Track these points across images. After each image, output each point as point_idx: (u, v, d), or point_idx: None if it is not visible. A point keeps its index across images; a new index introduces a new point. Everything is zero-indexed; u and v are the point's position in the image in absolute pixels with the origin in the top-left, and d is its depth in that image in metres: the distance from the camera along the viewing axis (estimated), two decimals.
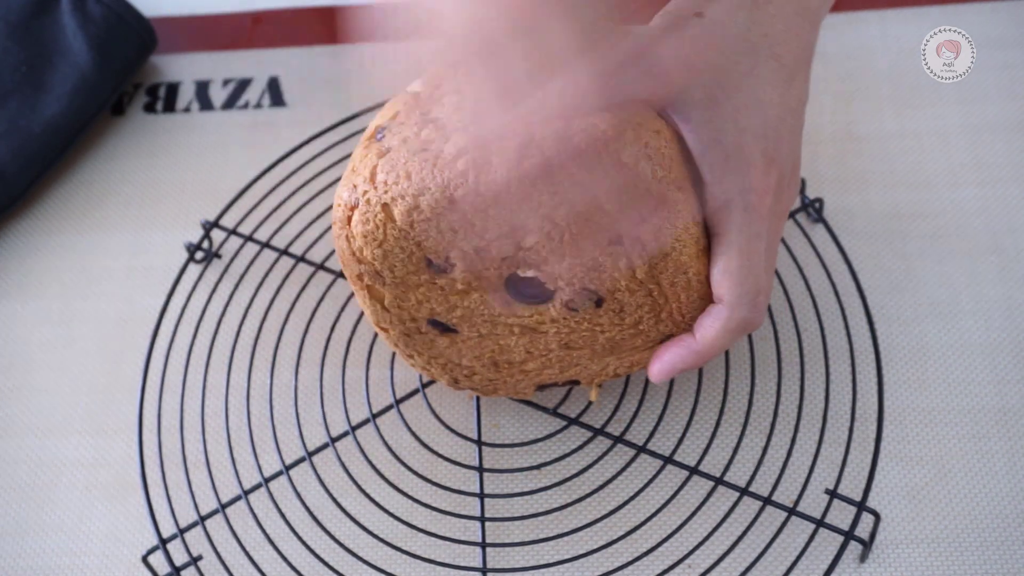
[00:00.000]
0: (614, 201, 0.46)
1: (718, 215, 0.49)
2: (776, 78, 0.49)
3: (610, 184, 0.46)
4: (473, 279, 0.51)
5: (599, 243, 0.48)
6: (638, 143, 0.46)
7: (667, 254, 0.49)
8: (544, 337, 0.54)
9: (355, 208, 0.49)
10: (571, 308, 0.52)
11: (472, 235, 0.48)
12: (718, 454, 0.60)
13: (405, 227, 0.48)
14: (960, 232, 0.67)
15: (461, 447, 0.62)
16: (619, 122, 0.46)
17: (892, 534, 0.58)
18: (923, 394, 0.62)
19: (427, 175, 0.47)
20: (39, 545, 0.62)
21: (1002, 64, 0.72)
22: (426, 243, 0.49)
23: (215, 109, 0.77)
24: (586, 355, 0.55)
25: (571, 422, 0.62)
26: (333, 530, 0.59)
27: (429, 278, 0.51)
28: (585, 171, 0.45)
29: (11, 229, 0.73)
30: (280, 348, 0.66)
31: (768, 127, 0.49)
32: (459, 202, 0.47)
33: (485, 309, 0.53)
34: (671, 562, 0.57)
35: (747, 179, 0.48)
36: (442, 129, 0.48)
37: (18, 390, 0.67)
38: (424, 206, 0.47)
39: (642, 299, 0.52)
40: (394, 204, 0.48)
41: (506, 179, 0.46)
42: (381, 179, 0.48)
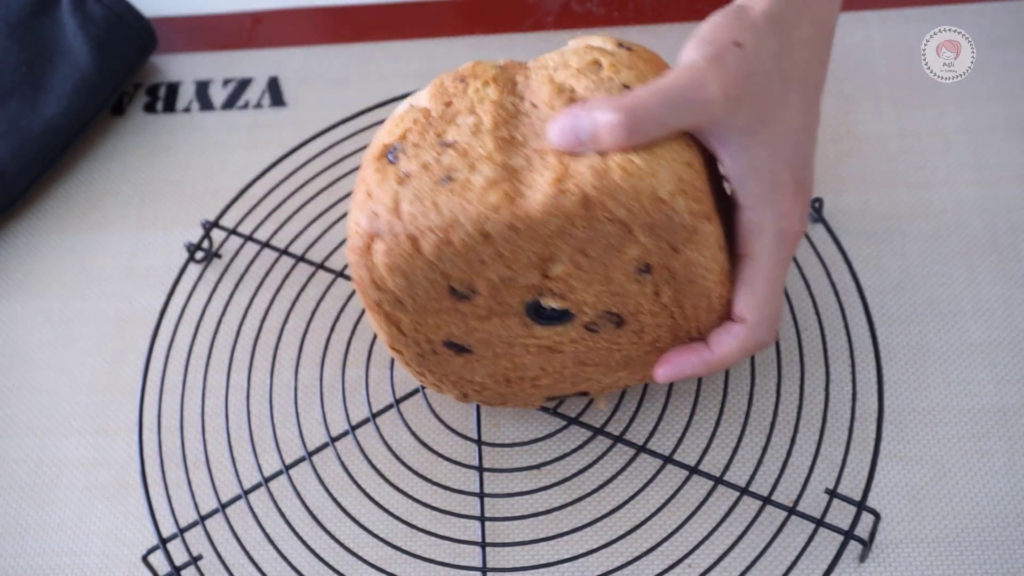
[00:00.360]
0: (649, 234, 0.47)
1: (750, 239, 0.50)
2: (802, 103, 0.50)
3: (646, 219, 0.46)
4: (495, 305, 0.50)
5: (628, 272, 0.49)
6: (673, 178, 0.46)
7: (693, 280, 0.49)
8: (560, 355, 0.54)
9: (375, 237, 0.48)
10: (591, 329, 0.52)
11: (500, 265, 0.48)
12: (718, 454, 0.60)
13: (433, 260, 0.47)
14: (960, 232, 0.67)
15: (461, 447, 0.62)
16: (655, 157, 0.46)
17: (892, 534, 0.58)
18: (923, 394, 0.62)
19: (457, 208, 0.46)
20: (39, 545, 0.62)
21: (1002, 64, 0.72)
22: (453, 273, 0.48)
23: (215, 109, 0.77)
24: (600, 371, 0.56)
25: (571, 422, 0.62)
26: (333, 530, 0.59)
27: (451, 304, 0.50)
28: (622, 206, 0.46)
29: (11, 229, 0.73)
30: (280, 348, 0.66)
31: (798, 153, 0.50)
32: (492, 236, 0.46)
33: (504, 331, 0.52)
34: (671, 562, 0.57)
35: (781, 205, 0.49)
36: (464, 155, 0.47)
37: (18, 390, 0.67)
38: (455, 240, 0.46)
39: (663, 320, 0.52)
40: (423, 237, 0.47)
41: (541, 214, 0.46)
42: (407, 210, 0.47)
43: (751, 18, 0.49)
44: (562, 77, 0.49)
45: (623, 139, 0.45)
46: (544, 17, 0.79)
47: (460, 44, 0.78)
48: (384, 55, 0.78)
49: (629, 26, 0.77)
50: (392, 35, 0.79)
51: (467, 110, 0.49)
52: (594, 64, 0.49)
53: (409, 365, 0.56)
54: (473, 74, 0.50)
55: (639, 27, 0.77)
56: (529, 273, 0.49)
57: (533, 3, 0.79)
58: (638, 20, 0.78)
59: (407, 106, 0.50)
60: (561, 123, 0.46)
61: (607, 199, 0.45)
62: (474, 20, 0.79)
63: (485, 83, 0.49)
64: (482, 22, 0.79)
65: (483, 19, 0.79)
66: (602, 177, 0.45)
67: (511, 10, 0.79)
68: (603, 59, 0.49)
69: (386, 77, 0.77)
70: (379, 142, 0.50)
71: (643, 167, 0.45)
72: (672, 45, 0.76)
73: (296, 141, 0.72)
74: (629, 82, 0.48)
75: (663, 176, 0.46)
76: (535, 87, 0.49)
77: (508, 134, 0.48)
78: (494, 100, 0.49)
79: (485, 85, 0.49)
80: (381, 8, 0.81)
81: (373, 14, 0.81)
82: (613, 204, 0.45)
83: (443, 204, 0.46)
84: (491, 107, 0.48)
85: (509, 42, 0.78)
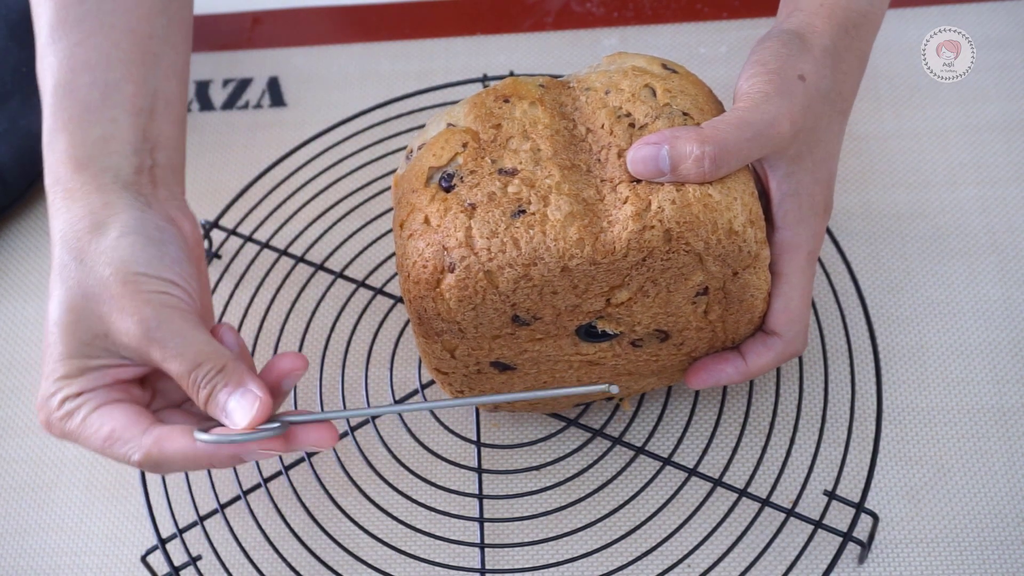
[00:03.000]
0: (718, 263, 0.48)
1: (783, 257, 0.51)
2: (841, 130, 0.52)
3: (719, 250, 0.47)
4: (552, 328, 0.51)
5: (688, 296, 0.50)
6: (746, 211, 0.47)
7: (743, 300, 0.51)
8: (599, 368, 0.55)
9: (446, 270, 0.47)
10: (636, 345, 0.53)
11: (571, 295, 0.48)
12: (717, 455, 0.60)
13: (508, 292, 0.47)
14: (959, 232, 0.67)
15: (460, 448, 0.62)
16: (729, 190, 0.47)
17: (891, 534, 0.58)
18: (922, 394, 0.62)
19: (539, 245, 0.46)
20: (39, 544, 0.62)
21: (1002, 64, 0.72)
22: (523, 303, 0.48)
23: (215, 109, 0.77)
24: (633, 378, 0.56)
25: (570, 423, 0.62)
26: (332, 530, 0.59)
27: (511, 330, 0.50)
28: (700, 239, 0.47)
29: (11, 229, 0.73)
30: (280, 348, 0.66)
31: (831, 177, 0.52)
32: (572, 271, 0.47)
33: (554, 351, 0.53)
34: (670, 563, 0.57)
35: (814, 227, 0.51)
36: (531, 185, 0.47)
37: (18, 390, 0.67)
38: (535, 275, 0.46)
39: (705, 335, 0.53)
40: (500, 272, 0.46)
41: (625, 249, 0.46)
42: (481, 245, 0.46)
43: (811, 51, 0.50)
44: (616, 102, 0.49)
45: (711, 174, 0.46)
46: (544, 17, 0.79)
47: (460, 44, 0.78)
48: (384, 55, 0.78)
49: (629, 26, 0.77)
50: (392, 35, 0.79)
51: (520, 134, 0.48)
52: (647, 88, 0.49)
53: (451, 385, 0.56)
54: (516, 93, 0.50)
55: (639, 27, 0.77)
56: (596, 300, 0.49)
57: (533, 3, 0.79)
58: (638, 20, 0.77)
59: (444, 126, 0.50)
60: (644, 153, 0.47)
61: (688, 233, 0.46)
62: (474, 20, 0.79)
63: (532, 104, 0.49)
64: (482, 22, 0.79)
65: (483, 19, 0.79)
66: (683, 212, 0.46)
67: (511, 10, 0.79)
68: (655, 84, 0.50)
69: (386, 77, 0.77)
70: (424, 165, 0.49)
71: (720, 201, 0.46)
72: (672, 45, 0.76)
73: (296, 141, 0.72)
74: (687, 109, 0.49)
75: (737, 209, 0.47)
76: (587, 111, 0.49)
77: (570, 161, 0.48)
78: (547, 124, 0.49)
79: (532, 106, 0.49)
80: (381, 8, 0.81)
81: (373, 14, 0.80)
82: (692, 237, 0.46)
83: (522, 240, 0.46)
84: (545, 131, 0.48)
85: (509, 42, 0.78)
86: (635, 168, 0.47)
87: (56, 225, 0.48)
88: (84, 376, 0.46)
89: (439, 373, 0.55)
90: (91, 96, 0.49)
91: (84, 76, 0.49)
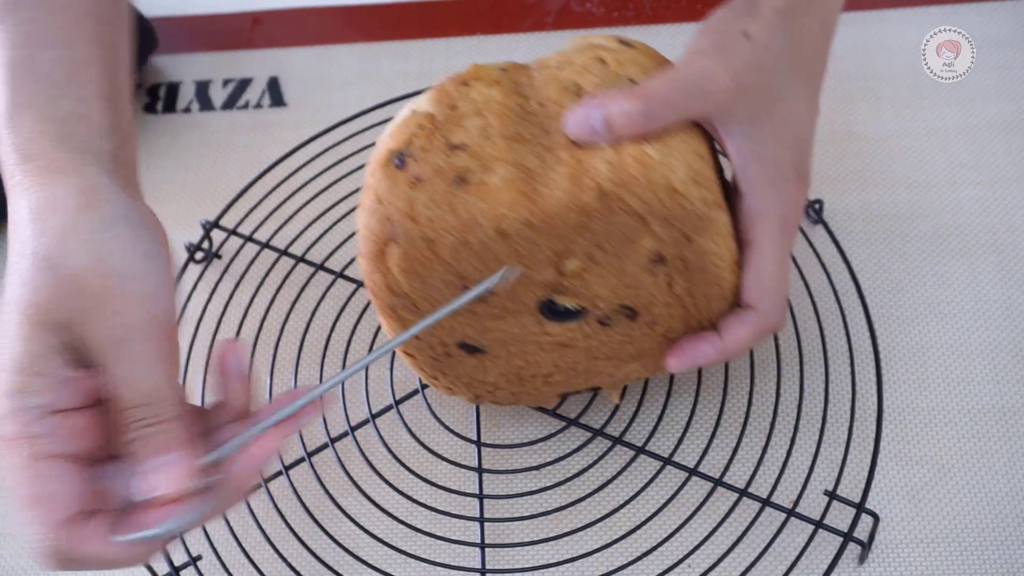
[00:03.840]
0: (663, 225, 0.47)
1: (752, 226, 0.50)
2: (805, 94, 0.51)
3: (661, 210, 0.47)
4: (508, 303, 0.51)
5: (642, 264, 0.49)
6: (687, 168, 0.47)
7: (706, 269, 0.50)
8: (573, 351, 0.54)
9: (390, 242, 0.48)
10: (604, 323, 0.52)
11: (516, 262, 0.48)
12: (717, 455, 0.60)
13: (450, 261, 0.47)
14: (960, 232, 0.67)
15: (460, 448, 0.62)
16: (668, 148, 0.47)
17: (891, 534, 0.58)
18: (922, 394, 0.62)
19: (475, 209, 0.46)
20: None
21: (1002, 64, 0.72)
22: (469, 273, 0.48)
23: (215, 109, 0.77)
24: (612, 364, 0.56)
25: (571, 423, 0.62)
26: (332, 530, 0.59)
27: (466, 306, 0.50)
28: (637, 198, 0.46)
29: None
30: (280, 348, 0.66)
31: (799, 141, 0.51)
32: (510, 234, 0.47)
33: (518, 330, 0.52)
34: (670, 563, 0.57)
35: (783, 193, 0.50)
36: (476, 157, 0.47)
37: None
38: (474, 241, 0.47)
39: (676, 311, 0.52)
40: (440, 240, 0.47)
41: (559, 209, 0.46)
42: (423, 213, 0.47)
43: (760, 11, 0.49)
44: (567, 75, 0.49)
45: (639, 126, 0.46)
46: (544, 17, 0.79)
47: (460, 44, 0.78)
48: (384, 55, 0.78)
49: (629, 26, 0.77)
50: (392, 35, 0.79)
51: (473, 112, 0.49)
52: (598, 61, 0.49)
53: (423, 369, 0.56)
54: (475, 76, 0.50)
55: (639, 27, 0.77)
56: (544, 270, 0.49)
57: (533, 3, 0.79)
58: (638, 20, 0.78)
59: (409, 112, 0.50)
60: (576, 114, 0.47)
61: (623, 192, 0.46)
62: (474, 20, 0.79)
63: (488, 85, 0.49)
64: (482, 22, 0.79)
65: (483, 19, 0.79)
66: (618, 170, 0.46)
67: (511, 10, 0.79)
68: (606, 56, 0.50)
69: (386, 77, 0.77)
70: (384, 148, 0.49)
71: (657, 159, 0.46)
72: (672, 45, 0.75)
73: (296, 141, 0.72)
74: (635, 76, 0.49)
75: (677, 167, 0.46)
76: (540, 86, 0.49)
77: (517, 133, 0.48)
78: (499, 101, 0.49)
79: (488, 87, 0.49)
80: (382, 8, 0.81)
81: (374, 14, 0.81)
82: (629, 196, 0.46)
83: (460, 206, 0.46)
84: (497, 108, 0.48)
85: (509, 42, 0.78)
86: (570, 130, 0.47)
87: (26, 202, 0.42)
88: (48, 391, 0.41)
89: (407, 356, 0.55)
90: (56, 74, 0.45)
91: (45, 53, 0.46)
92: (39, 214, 0.42)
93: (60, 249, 0.41)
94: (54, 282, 0.41)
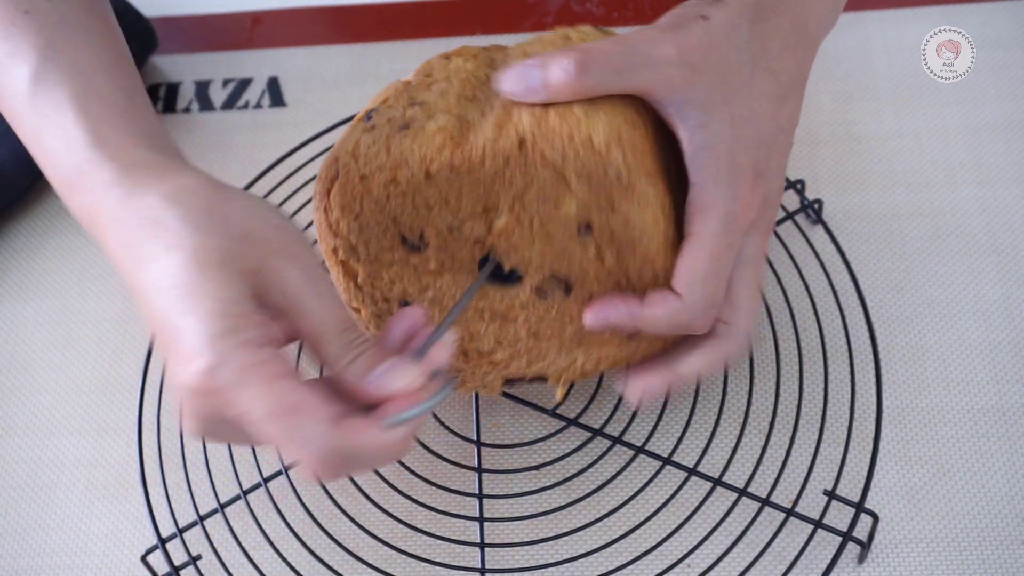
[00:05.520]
0: (584, 185, 0.48)
1: (698, 217, 0.49)
2: (771, 93, 0.49)
3: (579, 167, 0.47)
4: (446, 259, 0.52)
5: (568, 229, 0.50)
6: (610, 129, 0.47)
7: (634, 243, 0.50)
8: (514, 325, 0.55)
9: (335, 180, 0.51)
10: (540, 294, 0.53)
11: (446, 212, 0.51)
12: (717, 455, 0.60)
13: (382, 199, 0.50)
14: (959, 232, 0.67)
15: (460, 447, 0.62)
16: (595, 109, 0.47)
17: (891, 534, 0.58)
18: (922, 394, 0.62)
19: (407, 150, 0.49)
20: (39, 544, 0.62)
21: (1002, 64, 0.72)
22: (401, 218, 0.51)
23: (215, 109, 0.77)
24: (554, 346, 0.55)
25: (570, 423, 0.62)
26: (332, 530, 0.59)
27: (403, 256, 0.52)
28: (556, 151, 0.47)
29: (11, 229, 0.73)
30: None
31: (761, 141, 0.49)
32: (435, 176, 0.49)
33: (456, 290, 0.54)
34: (670, 563, 0.57)
35: (734, 188, 0.48)
36: (427, 110, 0.50)
37: (18, 390, 0.67)
38: (401, 179, 0.50)
39: (611, 289, 0.52)
40: (372, 176, 0.50)
41: (481, 155, 0.48)
42: (362, 152, 0.50)
43: (725, 2, 0.49)
44: (533, 49, 0.52)
45: (575, 80, 0.46)
46: (544, 17, 0.79)
47: (460, 44, 0.78)
48: (384, 55, 0.78)
49: (629, 26, 0.77)
50: (392, 35, 0.79)
51: (443, 79, 0.52)
52: (565, 39, 0.52)
53: (368, 327, 0.56)
54: (458, 53, 0.53)
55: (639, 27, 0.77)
56: (475, 224, 0.51)
57: (533, 3, 0.79)
58: (638, 20, 0.78)
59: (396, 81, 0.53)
60: (514, 70, 0.48)
61: (542, 142, 0.48)
62: (474, 20, 0.79)
63: (466, 59, 0.52)
64: (482, 22, 0.79)
65: (483, 19, 0.79)
66: (539, 121, 0.48)
67: (511, 10, 0.79)
68: (573, 35, 0.52)
69: (386, 77, 0.77)
70: (363, 110, 0.53)
71: (581, 116, 0.48)
72: None
73: (296, 141, 0.72)
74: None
75: (600, 126, 0.47)
76: (511, 60, 0.51)
77: (473, 95, 0.51)
78: (468, 70, 0.52)
79: (466, 61, 0.52)
80: (381, 8, 0.81)
81: (373, 14, 0.81)
82: (547, 148, 0.48)
83: (394, 146, 0.50)
84: (464, 75, 0.52)
85: (509, 42, 0.77)
86: (505, 86, 0.48)
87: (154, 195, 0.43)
88: (254, 327, 0.41)
89: (354, 310, 0.56)
90: (116, 98, 0.47)
91: (100, 78, 0.47)
92: (176, 199, 0.43)
93: (220, 213, 0.42)
94: (229, 237, 0.42)
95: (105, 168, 0.44)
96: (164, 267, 0.41)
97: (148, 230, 0.42)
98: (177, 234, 0.42)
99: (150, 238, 0.42)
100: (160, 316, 0.41)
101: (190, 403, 0.42)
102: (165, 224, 0.42)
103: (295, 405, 0.40)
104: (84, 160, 0.45)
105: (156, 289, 0.41)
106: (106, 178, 0.44)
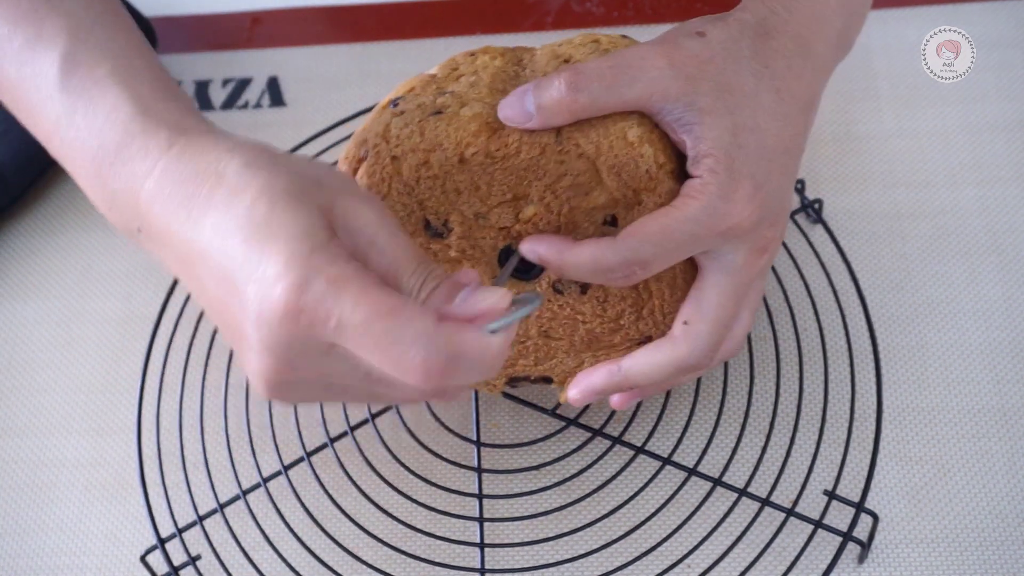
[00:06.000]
0: (614, 177, 0.48)
1: (679, 200, 0.48)
2: (776, 110, 0.48)
3: (612, 159, 0.47)
4: (467, 247, 0.52)
5: (594, 221, 0.50)
6: (643, 129, 0.49)
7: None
8: (525, 321, 0.54)
9: (363, 161, 0.51)
10: (557, 289, 0.53)
11: (475, 199, 0.51)
12: (717, 455, 0.60)
13: (411, 182, 0.50)
14: (960, 232, 0.67)
15: (460, 447, 0.62)
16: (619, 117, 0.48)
17: (891, 534, 0.58)
18: (922, 394, 0.62)
19: (442, 133, 0.49)
20: (39, 545, 0.62)
21: (1002, 64, 0.72)
22: (428, 202, 0.51)
23: (215, 109, 0.77)
24: (563, 347, 0.55)
25: (570, 423, 0.62)
26: (332, 530, 0.59)
27: (424, 241, 0.52)
28: (591, 142, 0.47)
29: (11, 229, 0.73)
30: None
31: (763, 156, 0.48)
32: (468, 161, 0.49)
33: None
34: (670, 563, 0.57)
35: (727, 189, 0.47)
36: (459, 98, 0.50)
37: (18, 390, 0.67)
38: (434, 162, 0.49)
39: (626, 291, 0.52)
40: (404, 158, 0.50)
41: (517, 143, 0.48)
42: (394, 134, 0.50)
43: (724, 20, 0.49)
44: (562, 50, 0.52)
45: (566, 97, 0.47)
46: (544, 17, 0.79)
47: (460, 44, 0.78)
48: (383, 55, 0.78)
49: (629, 26, 0.77)
50: (392, 35, 0.79)
51: (471, 73, 0.52)
52: (594, 42, 0.52)
53: None
54: (484, 51, 0.54)
55: (639, 27, 0.77)
56: (502, 212, 0.51)
57: (533, 3, 0.79)
58: (638, 20, 0.77)
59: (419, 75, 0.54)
60: (510, 97, 0.48)
61: (577, 134, 0.48)
62: (474, 20, 0.79)
63: (493, 57, 0.53)
64: (482, 22, 0.79)
65: (483, 19, 0.79)
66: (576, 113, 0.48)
67: (511, 10, 0.79)
68: (604, 41, 0.52)
69: (385, 77, 0.77)
70: (386, 98, 0.53)
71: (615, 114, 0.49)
72: None
73: (296, 141, 0.72)
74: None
75: (634, 121, 0.49)
76: (537, 59, 0.53)
77: (502, 87, 0.51)
78: (496, 66, 0.52)
79: (493, 59, 0.53)
80: (381, 8, 0.81)
81: (373, 14, 0.80)
82: (583, 139, 0.48)
83: (428, 129, 0.50)
84: (492, 70, 0.52)
85: (509, 42, 0.77)
86: (503, 113, 0.48)
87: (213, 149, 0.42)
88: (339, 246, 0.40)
89: None
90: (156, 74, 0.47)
91: (136, 58, 0.47)
92: (237, 150, 0.42)
93: (285, 160, 0.42)
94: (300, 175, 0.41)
95: (161, 132, 0.44)
96: (228, 212, 0.40)
97: (210, 182, 0.41)
98: (241, 178, 0.41)
99: (213, 188, 0.41)
100: (223, 264, 0.40)
101: (272, 337, 0.39)
102: (227, 175, 0.41)
103: (397, 306, 0.39)
104: (133, 130, 0.44)
105: (222, 234, 0.40)
106: (162, 142, 0.43)
